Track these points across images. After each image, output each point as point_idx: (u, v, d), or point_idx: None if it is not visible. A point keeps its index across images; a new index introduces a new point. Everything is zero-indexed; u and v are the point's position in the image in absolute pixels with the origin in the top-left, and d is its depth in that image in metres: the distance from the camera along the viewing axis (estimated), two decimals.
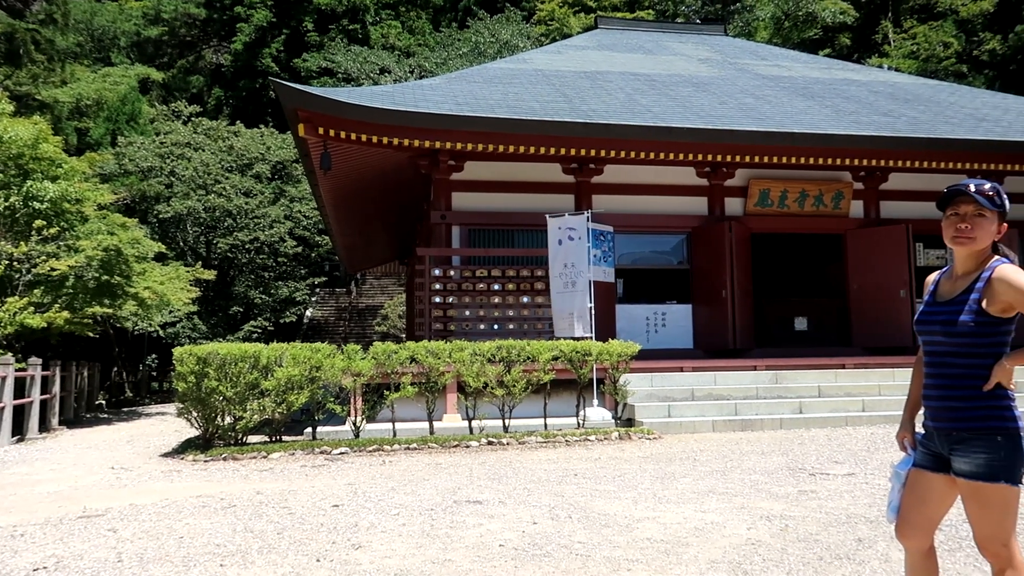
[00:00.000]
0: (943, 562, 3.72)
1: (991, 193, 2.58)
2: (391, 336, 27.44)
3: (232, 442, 9.22)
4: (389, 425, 9.76)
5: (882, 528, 4.74)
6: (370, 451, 8.88)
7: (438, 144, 11.74)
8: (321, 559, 4.32)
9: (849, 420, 10.69)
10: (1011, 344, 2.57)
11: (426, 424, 9.90)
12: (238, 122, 29.49)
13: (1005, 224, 2.61)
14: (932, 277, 2.82)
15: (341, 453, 8.78)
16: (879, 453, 7.92)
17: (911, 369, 3.06)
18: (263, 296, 25.82)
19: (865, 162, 13.43)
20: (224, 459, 8.54)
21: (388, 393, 9.69)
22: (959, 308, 2.58)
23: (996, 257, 2.59)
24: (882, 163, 13.49)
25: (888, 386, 11.64)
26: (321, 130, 11.07)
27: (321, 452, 8.77)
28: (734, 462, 7.57)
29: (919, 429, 2.79)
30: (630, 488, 6.29)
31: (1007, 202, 2.60)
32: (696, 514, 5.27)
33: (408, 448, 9.01)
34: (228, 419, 9.24)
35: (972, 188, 2.58)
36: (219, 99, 39.55)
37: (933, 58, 30.84)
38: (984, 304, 2.53)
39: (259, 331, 24.69)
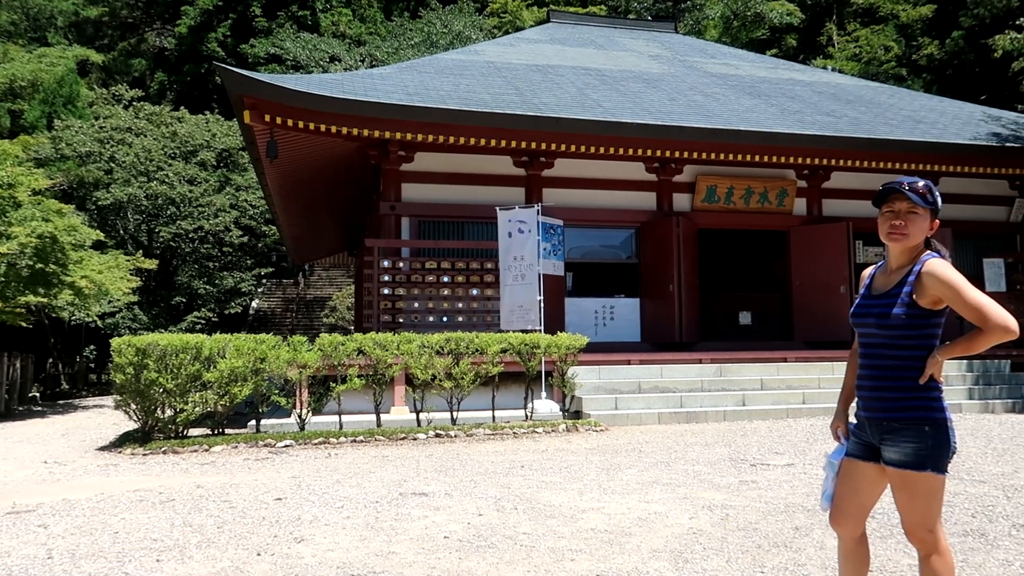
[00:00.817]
0: (874, 549, 3.83)
1: (924, 191, 2.64)
2: (339, 328, 27.13)
3: (172, 435, 9.00)
4: (335, 418, 9.65)
5: (819, 517, 4.87)
6: (316, 444, 8.76)
7: (388, 134, 11.62)
8: (262, 553, 4.24)
9: (790, 412, 10.96)
10: (942, 337, 2.66)
11: (373, 416, 9.82)
12: (182, 108, 28.69)
13: (937, 221, 2.68)
14: (868, 271, 2.89)
15: (286, 446, 8.64)
16: (818, 444, 8.13)
17: None
18: (207, 286, 25.22)
19: (809, 161, 13.74)
20: (164, 452, 8.33)
21: (335, 385, 9.58)
22: (892, 301, 2.65)
23: (928, 252, 2.66)
24: (825, 162, 13.81)
25: (827, 379, 11.95)
26: (268, 117, 10.85)
27: (265, 445, 8.62)
28: (678, 453, 7.69)
29: (852, 419, 2.86)
30: (576, 479, 6.33)
31: (939, 200, 2.67)
32: (640, 504, 5.34)
33: (355, 441, 8.92)
34: (168, 412, 9.01)
35: (906, 186, 2.65)
36: (162, 84, 38.45)
37: (875, 61, 31.68)
38: (915, 297, 2.60)
39: (203, 322, 24.12)
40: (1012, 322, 2.43)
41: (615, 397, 10.87)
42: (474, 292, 12.60)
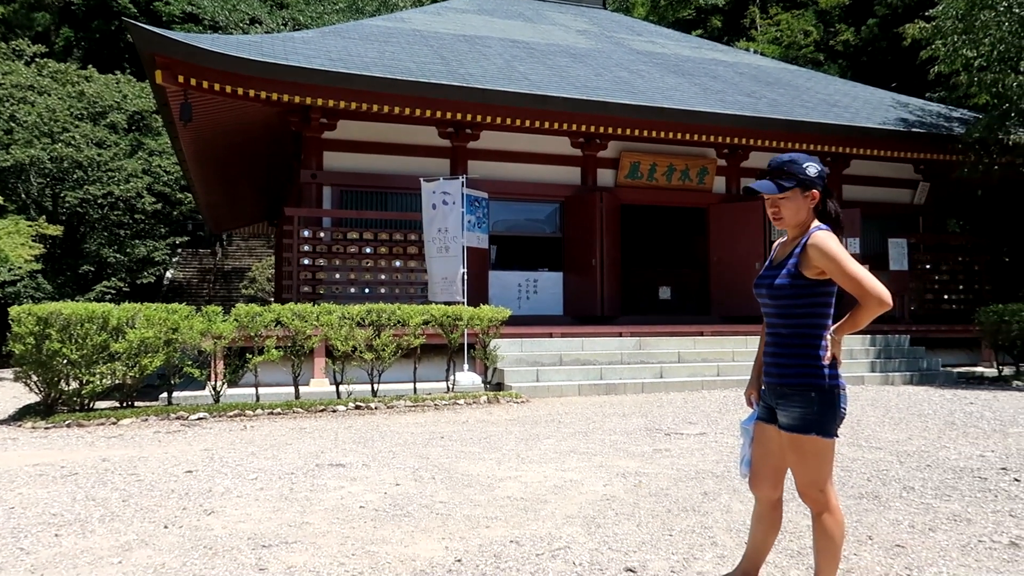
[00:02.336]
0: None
1: (780, 179, 2.75)
2: (259, 300, 26.47)
3: (78, 408, 8.63)
4: (252, 390, 9.45)
5: (727, 482, 5.04)
6: (231, 416, 8.55)
7: (309, 100, 11.29)
8: (170, 526, 4.13)
9: (705, 384, 11.30)
10: (836, 306, 2.76)
11: (292, 389, 9.65)
12: (90, 66, 27.16)
13: (814, 191, 2.75)
14: (775, 243, 2.98)
15: (199, 419, 8.41)
16: (729, 414, 8.41)
17: None
18: (118, 255, 24.14)
19: (729, 140, 14.05)
20: (68, 426, 7.99)
21: (251, 357, 9.36)
22: (779, 271, 2.77)
23: (816, 224, 2.76)
24: (744, 141, 14.16)
25: (741, 352, 12.36)
26: (181, 78, 10.40)
27: (177, 418, 8.36)
28: (596, 424, 7.83)
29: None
30: (495, 449, 6.38)
31: (805, 172, 2.74)
32: (557, 473, 5.42)
33: (272, 413, 8.75)
34: (74, 384, 8.63)
35: (756, 186, 2.79)
36: (69, 40, 36.37)
37: (794, 45, 32.55)
38: (801, 268, 2.70)
39: (113, 292, 23.13)
40: (886, 294, 2.55)
41: (537, 369, 10.97)
42: (397, 264, 12.47)
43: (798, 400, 2.69)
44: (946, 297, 16.10)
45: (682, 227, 16.72)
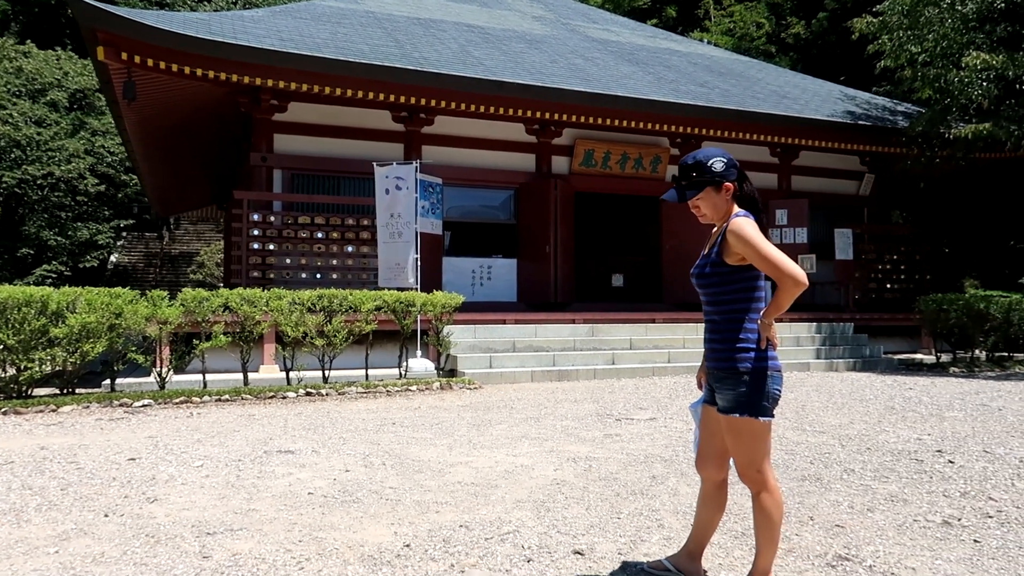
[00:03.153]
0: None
1: (690, 182, 2.85)
2: (207, 285, 25.94)
3: (15, 395, 8.36)
4: (200, 377, 9.26)
5: (675, 467, 5.12)
6: (177, 403, 8.37)
7: (259, 81, 11.06)
8: (110, 514, 4.02)
9: (656, 371, 11.44)
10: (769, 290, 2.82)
11: (241, 375, 9.48)
12: (29, 42, 26.19)
13: (727, 183, 2.83)
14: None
15: (144, 405, 8.21)
16: (679, 400, 8.53)
17: None
18: (59, 238, 23.42)
19: (682, 129, 14.19)
20: (4, 413, 7.72)
21: (199, 343, 9.16)
22: (707, 260, 2.86)
23: (735, 211, 2.83)
24: (696, 131, 14.32)
25: (692, 339, 12.54)
26: (124, 55, 10.07)
27: (121, 405, 8.15)
28: (548, 410, 7.87)
29: None
30: (446, 435, 6.36)
31: (712, 169, 2.82)
32: (508, 458, 5.43)
33: (220, 400, 8.59)
34: (11, 370, 8.35)
35: (666, 196, 2.91)
36: (5, 14, 34.93)
37: (747, 37, 32.99)
38: (723, 256, 2.78)
39: (54, 276, 22.45)
40: (802, 274, 2.63)
41: (490, 356, 10.98)
42: (349, 249, 12.33)
43: (731, 383, 2.76)
44: (888, 286, 16.55)
45: (635, 215, 16.86)
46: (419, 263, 11.14)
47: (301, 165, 12.76)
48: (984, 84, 12.55)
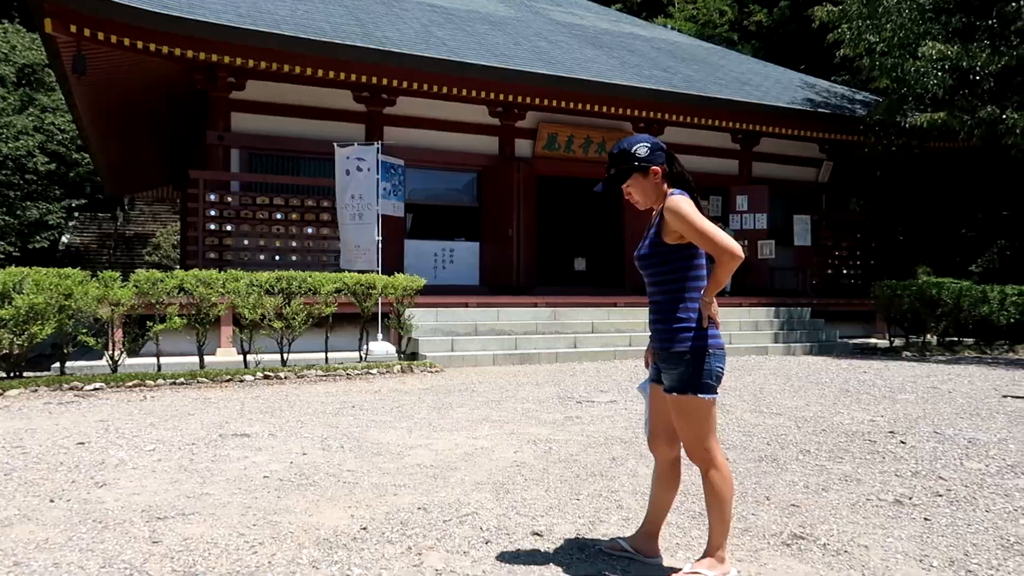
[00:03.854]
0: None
1: (617, 171, 2.85)
2: (163, 267, 25.40)
3: None
4: (154, 360, 9.06)
5: (634, 448, 5.14)
6: (130, 386, 8.18)
7: (215, 58, 10.79)
8: (56, 499, 3.90)
9: (617, 354, 11.50)
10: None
11: (197, 358, 9.30)
12: None
13: (654, 167, 2.83)
14: None
15: (95, 389, 8.00)
16: (640, 382, 8.57)
17: None
18: (7, 217, 22.70)
19: (645, 114, 14.21)
20: None
21: (152, 325, 8.95)
22: (647, 241, 2.86)
23: (669, 190, 2.83)
24: (659, 116, 14.35)
25: None
26: (74, 28, 9.74)
27: (71, 388, 7.94)
28: (510, 392, 7.86)
29: None
30: (407, 418, 6.31)
31: (636, 155, 2.82)
32: (468, 441, 5.40)
33: (175, 383, 8.41)
34: None
35: (597, 188, 2.95)
36: None
37: (710, 24, 33.18)
38: (662, 235, 2.79)
39: (1, 257, 21.78)
40: (737, 248, 2.65)
41: (452, 339, 10.93)
42: (309, 231, 12.15)
43: (675, 362, 2.77)
44: (845, 272, 16.86)
45: (598, 199, 16.87)
46: (380, 245, 11.02)
47: (259, 145, 12.52)
48: (939, 74, 12.78)
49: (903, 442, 5.31)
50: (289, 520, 3.56)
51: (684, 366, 2.74)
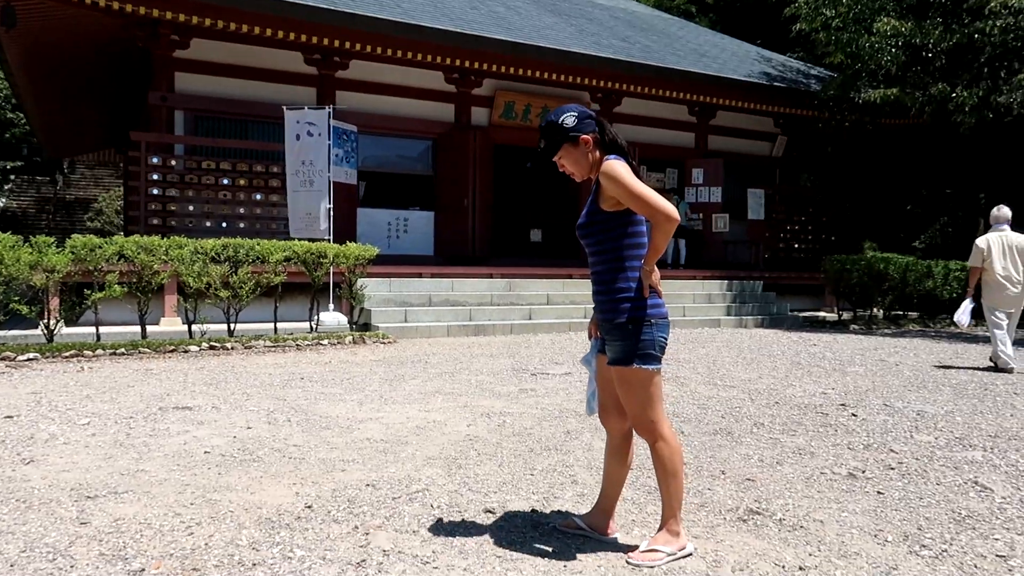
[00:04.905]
0: (636, 450, 4.03)
1: (546, 143, 2.80)
2: (106, 233, 24.53)
3: None
4: (93, 329, 8.70)
5: (589, 421, 5.07)
6: (67, 357, 7.84)
7: (156, 13, 10.29)
8: None
9: (572, 326, 11.45)
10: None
11: (139, 328, 8.96)
12: None
13: (584, 136, 2.76)
14: None
15: (29, 359, 7.65)
16: (583, 355, 8.52)
17: None
18: None
19: (602, 84, 14.07)
20: None
21: (91, 293, 8.58)
22: (585, 210, 2.80)
23: (605, 157, 2.76)
24: (617, 86, 14.22)
25: None
26: None
27: (2, 359, 7.57)
28: (464, 364, 7.74)
29: None
30: (357, 391, 6.15)
31: (563, 125, 2.76)
32: (420, 414, 5.27)
33: (115, 353, 8.09)
34: None
35: (528, 164, 2.93)
36: None
37: None
38: (600, 203, 2.72)
39: None
40: (672, 209, 2.57)
41: (405, 310, 10.75)
42: (258, 197, 11.79)
43: (617, 334, 2.71)
44: (796, 246, 17.07)
45: (555, 170, 16.67)
46: (332, 213, 10.73)
47: (205, 107, 12.05)
48: (893, 50, 12.87)
49: (855, 415, 5.34)
50: (229, 498, 3.40)
51: (626, 337, 2.68)
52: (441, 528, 3.03)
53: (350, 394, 6.01)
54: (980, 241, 8.14)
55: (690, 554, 2.76)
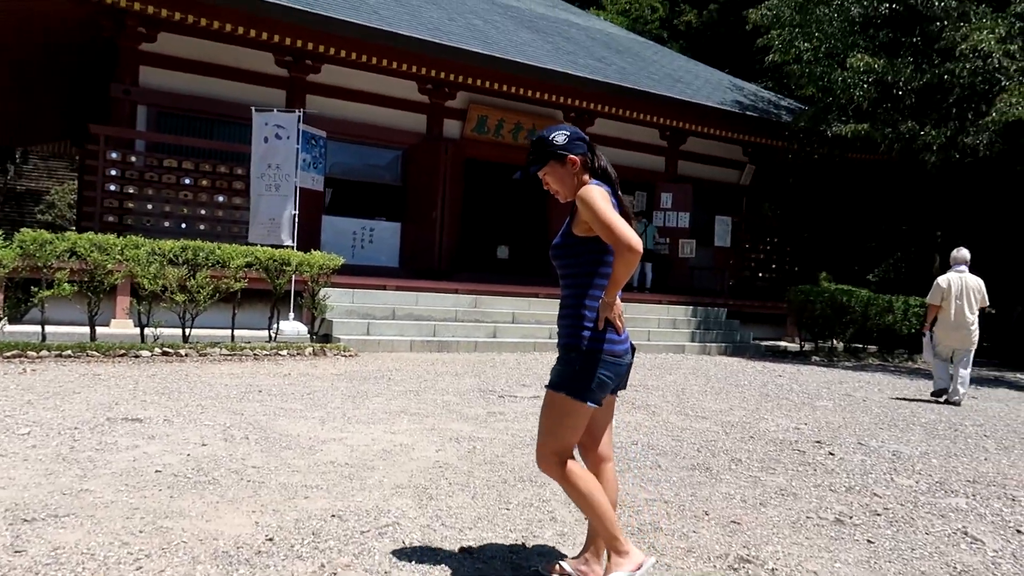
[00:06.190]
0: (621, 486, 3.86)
1: (534, 158, 2.74)
2: (57, 228, 23.71)
3: None
4: (39, 328, 8.26)
5: None
6: (8, 357, 7.41)
7: (124, 3, 9.91)
8: None
9: (537, 345, 11.28)
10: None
11: (87, 329, 8.54)
12: None
13: (572, 157, 2.70)
14: None
15: None
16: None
17: None
18: None
19: (577, 103, 14.01)
20: None
21: (38, 290, 8.14)
22: (560, 233, 2.74)
23: (587, 181, 2.69)
24: (591, 106, 14.18)
25: None
26: None
27: None
28: (429, 383, 7.50)
29: None
30: (319, 407, 5.88)
31: (553, 143, 2.70)
32: (386, 435, 5.03)
33: (60, 355, 7.68)
34: None
35: (516, 175, 2.83)
36: None
37: (641, 19, 33.36)
38: (572, 227, 2.66)
39: None
40: (637, 240, 2.47)
41: (368, 322, 10.47)
42: (220, 199, 11.41)
43: (562, 358, 2.63)
44: (761, 275, 17.18)
45: (525, 187, 16.61)
46: (297, 220, 10.42)
47: (169, 103, 11.66)
48: (865, 86, 13.05)
49: (831, 453, 5.25)
50: (183, 526, 3.13)
51: (568, 363, 2.58)
52: (416, 570, 2.81)
53: (311, 411, 5.73)
54: (941, 280, 8.63)
55: (651, 566, 2.67)
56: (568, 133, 2.72)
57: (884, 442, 5.77)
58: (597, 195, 2.54)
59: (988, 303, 8.66)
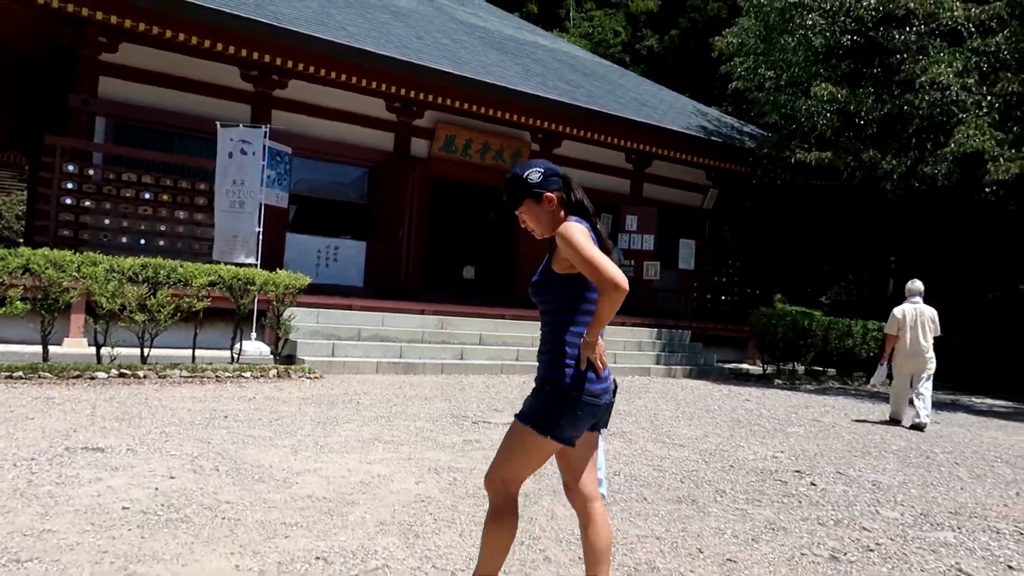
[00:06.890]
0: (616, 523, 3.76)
1: (509, 197, 2.68)
2: (5, 241, 22.89)
3: None
4: None
5: (545, 481, 4.78)
6: None
7: (85, 12, 9.61)
8: None
9: (505, 368, 11.17)
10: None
11: (40, 348, 8.18)
12: None
13: (548, 194, 2.64)
14: None
15: None
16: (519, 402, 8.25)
17: None
18: None
19: (545, 124, 14.00)
20: None
21: None
22: (540, 269, 2.68)
23: (567, 217, 2.63)
24: (559, 128, 14.19)
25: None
26: None
27: None
28: (399, 407, 7.33)
29: None
30: (288, 434, 5.67)
31: (527, 181, 2.65)
32: (362, 466, 4.86)
33: (10, 377, 7.33)
34: None
35: (491, 215, 2.79)
36: None
37: (604, 43, 33.78)
38: (552, 264, 2.61)
39: None
40: (622, 279, 2.41)
41: (333, 343, 10.24)
42: (181, 215, 11.09)
43: (536, 390, 2.56)
44: (723, 298, 17.33)
45: (492, 207, 16.53)
46: (261, 237, 10.18)
47: (130, 115, 11.32)
48: (828, 115, 13.31)
49: (813, 484, 5.22)
50: (158, 572, 2.94)
51: (540, 397, 2.51)
52: None
53: (281, 438, 5.53)
54: (897, 311, 9.05)
55: None
56: (542, 170, 2.66)
57: (862, 471, 5.78)
58: (578, 233, 2.48)
59: (940, 331, 9.00)
